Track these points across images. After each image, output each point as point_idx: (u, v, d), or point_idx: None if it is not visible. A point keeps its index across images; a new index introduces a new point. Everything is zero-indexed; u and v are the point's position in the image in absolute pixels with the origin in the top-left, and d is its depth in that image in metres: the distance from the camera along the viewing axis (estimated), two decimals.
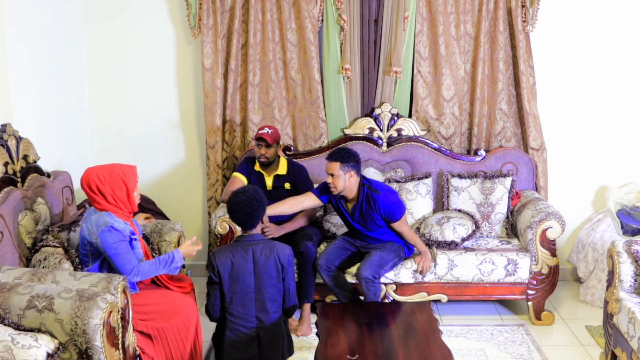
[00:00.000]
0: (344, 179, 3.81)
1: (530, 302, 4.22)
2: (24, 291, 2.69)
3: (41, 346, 2.53)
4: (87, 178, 3.15)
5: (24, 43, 3.90)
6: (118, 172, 3.17)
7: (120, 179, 3.16)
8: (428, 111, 4.78)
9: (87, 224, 3.17)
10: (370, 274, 3.85)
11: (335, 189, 3.84)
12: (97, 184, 3.12)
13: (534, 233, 4.14)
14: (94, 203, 3.17)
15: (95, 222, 3.12)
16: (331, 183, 3.84)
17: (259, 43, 4.67)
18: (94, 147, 4.92)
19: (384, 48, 4.71)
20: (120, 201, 3.17)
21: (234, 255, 3.03)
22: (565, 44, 4.74)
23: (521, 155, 4.69)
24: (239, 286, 3.03)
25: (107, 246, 3.07)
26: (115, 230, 3.09)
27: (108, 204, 3.14)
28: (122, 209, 3.18)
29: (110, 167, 3.19)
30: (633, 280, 3.36)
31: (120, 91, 4.89)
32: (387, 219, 3.90)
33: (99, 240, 3.08)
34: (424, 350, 2.96)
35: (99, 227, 3.09)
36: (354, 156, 3.84)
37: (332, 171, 3.82)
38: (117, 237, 3.10)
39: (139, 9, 4.76)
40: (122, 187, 3.16)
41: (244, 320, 3.04)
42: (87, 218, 3.20)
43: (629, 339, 3.17)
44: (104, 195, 3.13)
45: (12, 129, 3.44)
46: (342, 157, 3.81)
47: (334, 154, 3.85)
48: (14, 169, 3.38)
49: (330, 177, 3.84)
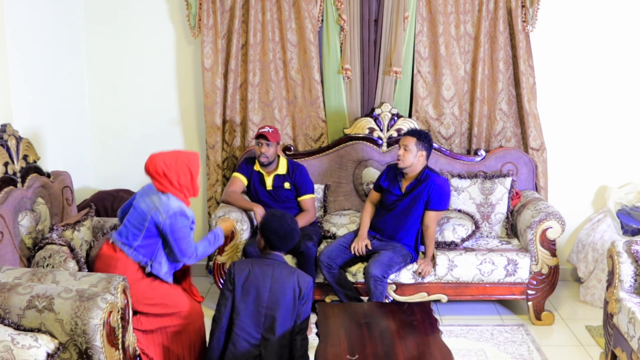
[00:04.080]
0: (414, 155, 3.96)
1: (530, 302, 4.21)
2: (24, 291, 2.69)
3: (41, 346, 2.53)
4: (153, 164, 3.19)
5: (24, 43, 3.90)
6: (183, 159, 3.22)
7: (186, 166, 3.21)
8: (428, 111, 4.78)
9: (151, 201, 3.18)
10: (380, 273, 3.86)
11: (403, 162, 3.97)
12: (164, 170, 3.16)
13: (534, 233, 4.14)
14: (157, 184, 3.20)
15: (165, 204, 3.15)
16: (401, 155, 3.97)
17: (259, 43, 4.67)
18: (94, 147, 4.92)
19: (384, 48, 4.71)
20: (185, 187, 3.21)
21: (253, 267, 3.04)
22: (565, 44, 4.75)
23: (521, 155, 4.69)
24: (252, 299, 3.00)
25: (176, 230, 3.13)
26: (185, 217, 3.17)
27: (173, 188, 3.18)
28: (185, 194, 3.23)
29: (176, 154, 3.25)
30: (633, 280, 3.36)
31: (120, 91, 4.89)
32: (430, 202, 3.98)
33: (167, 222, 3.12)
34: (424, 350, 2.96)
35: (170, 210, 3.13)
36: (430, 140, 4.04)
37: (406, 143, 3.97)
38: (185, 223, 3.17)
39: (139, 9, 4.76)
40: (187, 173, 3.20)
41: (249, 335, 2.98)
42: (149, 194, 3.22)
43: (629, 339, 3.17)
44: (170, 181, 3.17)
45: (12, 129, 3.44)
46: (420, 135, 4.00)
47: (412, 131, 4.08)
48: (14, 169, 3.38)
49: (402, 149, 3.98)
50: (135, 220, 3.21)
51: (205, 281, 4.86)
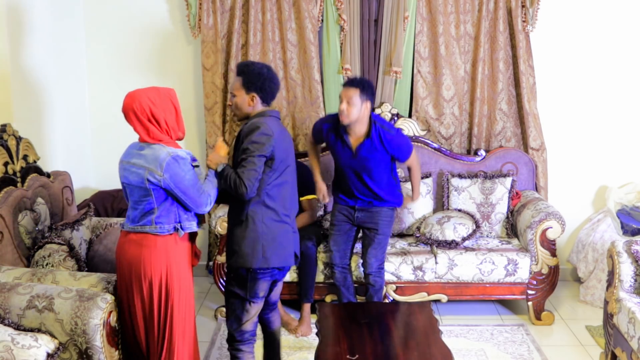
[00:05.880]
0: (359, 109, 3.57)
1: (530, 302, 4.22)
2: (24, 291, 2.69)
3: (41, 346, 2.54)
4: (137, 101, 2.71)
5: (23, 43, 3.90)
6: (165, 94, 2.78)
7: (170, 101, 2.78)
8: (428, 111, 4.78)
9: (138, 165, 2.72)
10: (376, 265, 3.88)
11: (347, 117, 3.58)
12: (151, 107, 2.70)
13: (534, 233, 4.14)
14: (143, 134, 2.74)
15: (152, 158, 2.69)
16: (344, 111, 3.57)
17: (259, 43, 4.67)
18: (94, 147, 4.92)
19: (384, 48, 4.71)
20: (172, 128, 2.78)
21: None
22: (565, 44, 4.75)
23: (521, 155, 4.69)
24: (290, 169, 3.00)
25: (179, 179, 2.70)
26: (181, 159, 2.73)
27: (161, 134, 2.74)
28: (172, 136, 2.79)
29: (155, 89, 2.79)
30: (633, 280, 3.36)
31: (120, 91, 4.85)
32: (398, 158, 3.80)
33: (165, 175, 2.67)
34: (424, 350, 2.96)
35: (161, 161, 2.67)
36: (372, 87, 3.67)
37: (349, 97, 3.56)
38: (185, 167, 2.73)
39: (139, 9, 4.76)
40: (172, 110, 2.78)
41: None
42: (130, 160, 2.75)
43: (629, 339, 3.17)
44: (158, 121, 2.73)
45: (12, 129, 3.44)
46: (362, 84, 3.58)
47: (354, 81, 3.63)
48: (14, 169, 3.38)
49: (345, 104, 3.57)
50: (137, 195, 2.76)
51: (206, 281, 4.86)
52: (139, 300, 2.80)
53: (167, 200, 2.76)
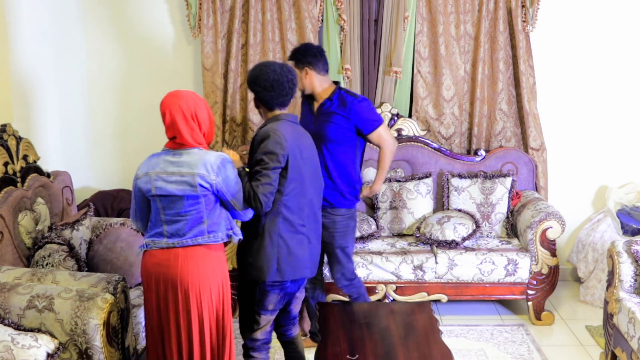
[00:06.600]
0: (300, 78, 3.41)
1: (530, 302, 4.22)
2: (24, 291, 2.69)
3: (41, 346, 2.54)
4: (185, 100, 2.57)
5: (24, 43, 3.90)
6: (201, 98, 2.66)
7: (205, 106, 2.65)
8: (428, 111, 4.78)
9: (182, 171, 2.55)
10: (344, 280, 3.62)
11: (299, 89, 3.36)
12: (196, 110, 2.56)
13: (534, 233, 4.14)
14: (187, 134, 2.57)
15: (200, 162, 2.53)
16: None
17: (259, 43, 4.67)
18: (94, 147, 4.92)
19: (384, 48, 4.71)
20: (208, 133, 2.68)
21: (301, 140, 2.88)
22: (565, 44, 4.74)
23: (521, 155, 4.69)
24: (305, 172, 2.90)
25: (230, 183, 2.59)
26: (229, 162, 2.62)
27: (201, 137, 2.62)
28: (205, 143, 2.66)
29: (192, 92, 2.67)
30: (633, 280, 3.36)
31: (120, 91, 4.89)
32: (361, 129, 3.46)
33: (219, 179, 2.54)
34: (424, 350, 2.96)
35: (212, 164, 2.53)
36: (311, 51, 3.44)
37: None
38: (234, 170, 2.62)
39: (139, 9, 4.76)
40: (207, 115, 2.67)
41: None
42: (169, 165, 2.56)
43: (629, 339, 3.17)
44: (200, 124, 2.59)
45: (12, 129, 3.44)
46: (294, 54, 3.47)
47: (290, 54, 3.52)
48: (14, 169, 3.38)
49: None
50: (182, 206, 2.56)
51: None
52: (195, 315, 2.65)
53: (215, 207, 2.65)
